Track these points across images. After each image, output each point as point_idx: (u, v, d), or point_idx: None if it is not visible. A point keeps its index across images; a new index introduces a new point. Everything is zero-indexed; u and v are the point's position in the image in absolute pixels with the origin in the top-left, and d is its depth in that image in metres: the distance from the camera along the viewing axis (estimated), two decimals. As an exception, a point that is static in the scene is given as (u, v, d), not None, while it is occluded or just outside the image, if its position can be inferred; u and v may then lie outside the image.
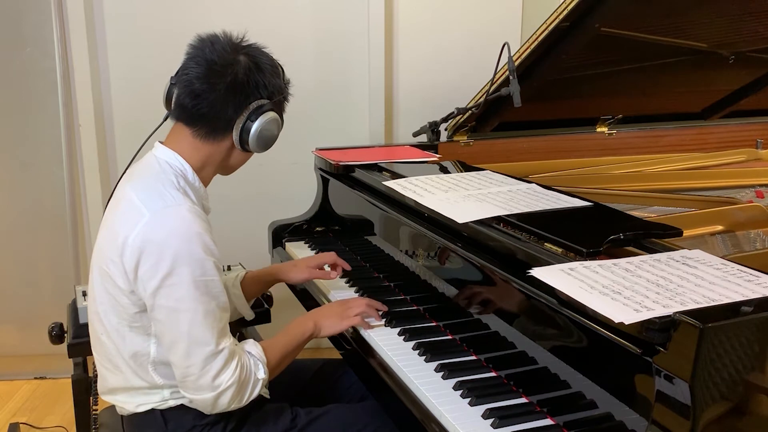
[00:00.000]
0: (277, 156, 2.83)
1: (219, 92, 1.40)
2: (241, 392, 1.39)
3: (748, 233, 1.64)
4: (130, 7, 2.74)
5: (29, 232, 2.91)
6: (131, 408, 1.47)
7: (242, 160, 1.54)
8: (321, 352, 3.04)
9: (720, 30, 2.19)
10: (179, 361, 1.36)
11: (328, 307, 1.67)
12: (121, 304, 1.39)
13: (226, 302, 1.40)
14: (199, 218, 1.36)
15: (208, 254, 1.34)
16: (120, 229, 1.35)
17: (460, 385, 1.30)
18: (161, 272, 1.31)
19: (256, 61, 1.44)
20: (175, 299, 1.32)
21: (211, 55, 1.40)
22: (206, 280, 1.34)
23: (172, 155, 1.44)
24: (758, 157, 2.48)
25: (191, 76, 1.40)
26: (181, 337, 1.34)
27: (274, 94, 1.46)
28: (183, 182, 1.42)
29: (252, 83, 1.42)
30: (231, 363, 1.37)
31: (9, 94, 2.79)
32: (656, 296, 1.00)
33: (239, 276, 1.80)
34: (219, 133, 1.45)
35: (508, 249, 1.33)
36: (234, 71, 1.40)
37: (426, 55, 2.91)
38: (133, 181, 1.44)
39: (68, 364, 1.99)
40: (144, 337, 1.41)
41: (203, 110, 1.41)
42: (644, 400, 0.99)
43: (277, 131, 1.49)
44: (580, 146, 2.45)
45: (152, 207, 1.34)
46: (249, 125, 1.44)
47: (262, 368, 1.44)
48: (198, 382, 1.36)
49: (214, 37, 1.43)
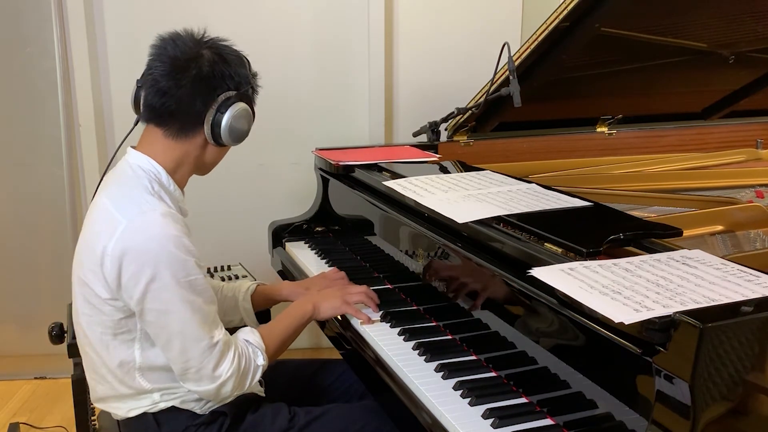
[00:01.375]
0: (277, 156, 2.86)
1: (185, 87, 1.40)
2: (242, 380, 1.43)
3: (748, 233, 1.64)
4: (130, 7, 2.74)
5: (29, 232, 2.91)
6: (123, 413, 1.48)
7: (217, 156, 1.52)
8: (321, 352, 3.04)
9: (720, 30, 2.19)
10: (177, 358, 1.38)
11: (327, 291, 1.69)
12: (103, 313, 1.39)
13: (211, 296, 1.42)
14: (174, 221, 1.37)
15: (187, 255, 1.35)
16: (97, 238, 1.36)
17: (460, 385, 1.30)
18: (145, 278, 1.32)
19: (219, 52, 1.43)
20: (162, 302, 1.34)
21: (174, 52, 1.41)
22: (190, 280, 1.35)
23: (145, 159, 1.44)
24: (758, 157, 2.48)
25: (156, 74, 1.41)
26: (174, 336, 1.36)
27: (241, 85, 1.45)
28: (157, 186, 1.42)
29: (218, 75, 1.42)
30: (228, 353, 1.40)
31: (9, 94, 2.79)
32: (656, 296, 1.00)
33: (250, 289, 1.80)
34: (190, 129, 1.44)
35: (508, 249, 1.33)
36: (198, 65, 1.40)
37: (426, 55, 2.91)
38: (107, 188, 1.45)
39: (68, 364, 1.99)
40: (128, 344, 1.41)
41: (171, 107, 1.41)
42: (644, 400, 0.99)
43: (247, 122, 1.47)
44: (580, 146, 2.45)
45: (128, 214, 1.35)
46: (219, 117, 1.42)
47: (261, 355, 1.47)
48: (199, 374, 1.38)
49: (175, 34, 1.44)
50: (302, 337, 1.73)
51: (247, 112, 1.46)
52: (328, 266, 2.01)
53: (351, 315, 1.62)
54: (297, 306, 1.62)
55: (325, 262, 2.05)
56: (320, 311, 1.61)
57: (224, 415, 1.47)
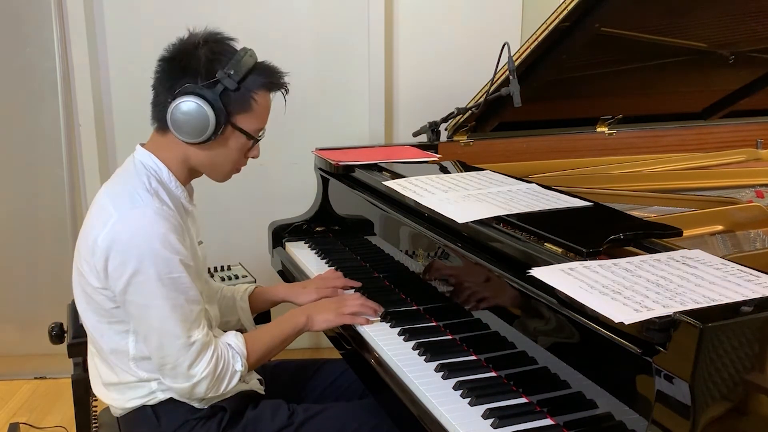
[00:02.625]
0: (277, 156, 2.85)
1: (158, 76, 1.43)
2: (217, 383, 1.43)
3: (748, 233, 1.64)
4: (130, 7, 2.74)
5: (29, 232, 2.91)
6: (122, 404, 1.49)
7: (207, 157, 1.46)
8: (321, 352, 3.04)
9: (720, 30, 2.19)
10: (154, 352, 1.40)
11: (323, 302, 1.68)
12: (96, 301, 1.42)
13: (195, 295, 1.42)
14: (164, 219, 1.37)
15: (172, 252, 1.36)
16: (91, 229, 1.39)
17: (460, 385, 1.30)
18: (128, 271, 1.34)
19: (197, 43, 1.41)
20: (143, 296, 1.36)
21: (166, 52, 1.43)
22: (173, 278, 1.37)
23: (148, 156, 1.46)
24: (758, 157, 2.48)
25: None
26: (152, 331, 1.38)
27: (201, 77, 1.38)
28: (155, 183, 1.43)
29: (181, 64, 1.40)
30: (205, 354, 1.41)
31: (9, 94, 2.79)
32: (656, 296, 1.00)
33: (248, 290, 1.81)
34: (163, 123, 1.43)
35: (508, 249, 1.33)
36: (169, 54, 1.42)
37: (426, 55, 2.91)
38: (109, 183, 1.48)
39: (68, 364, 1.99)
40: (122, 334, 1.44)
41: (153, 100, 1.45)
42: (644, 400, 0.99)
43: (194, 115, 1.37)
44: (580, 146, 2.45)
45: (121, 208, 1.37)
46: (169, 107, 1.38)
47: (240, 360, 1.47)
48: (174, 371, 1.40)
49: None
50: (302, 337, 1.73)
51: (196, 106, 1.36)
52: (328, 266, 2.01)
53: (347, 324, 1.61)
54: (290, 317, 1.60)
55: (325, 262, 2.05)
56: (314, 323, 1.60)
57: (223, 410, 1.47)
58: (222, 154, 1.47)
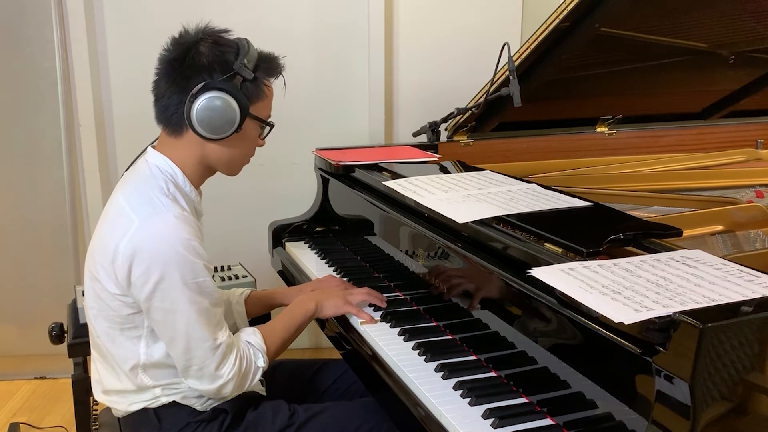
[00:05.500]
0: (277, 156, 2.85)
1: (163, 79, 1.41)
2: (243, 381, 1.45)
3: (748, 233, 1.64)
4: (130, 7, 2.74)
5: (29, 232, 2.91)
6: (124, 407, 1.48)
7: (225, 153, 1.46)
8: (321, 352, 3.05)
9: (720, 30, 2.19)
10: (180, 356, 1.39)
11: (330, 289, 1.69)
12: (111, 308, 1.40)
13: (218, 298, 1.42)
14: (186, 224, 1.37)
15: (196, 257, 1.36)
16: (110, 236, 1.37)
17: (460, 385, 1.30)
18: (153, 278, 1.33)
19: (197, 39, 1.40)
20: (169, 301, 1.35)
21: (166, 52, 1.42)
22: (198, 282, 1.36)
23: (163, 159, 1.44)
24: (758, 157, 2.48)
25: (156, 74, 1.44)
26: (180, 335, 1.37)
27: (216, 72, 1.38)
28: (173, 187, 1.42)
29: (188, 62, 1.39)
30: (230, 355, 1.41)
31: (9, 94, 2.79)
32: (656, 296, 1.00)
33: (244, 294, 1.81)
34: (177, 125, 1.42)
35: (508, 249, 1.33)
36: (172, 55, 1.40)
37: (426, 55, 2.91)
38: (124, 186, 1.45)
39: (68, 364, 1.99)
40: (134, 340, 1.42)
41: (160, 104, 1.43)
42: (644, 400, 0.99)
43: (221, 110, 1.37)
44: (580, 146, 2.45)
45: (141, 213, 1.35)
46: (189, 108, 1.37)
47: (262, 357, 1.48)
48: (200, 373, 1.40)
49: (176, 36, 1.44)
50: (302, 337, 1.73)
51: (222, 99, 1.37)
52: (328, 266, 2.01)
53: (353, 314, 1.62)
54: (299, 304, 1.62)
55: (325, 262, 2.05)
56: (323, 309, 1.62)
57: (225, 413, 1.48)
58: (240, 146, 1.48)
